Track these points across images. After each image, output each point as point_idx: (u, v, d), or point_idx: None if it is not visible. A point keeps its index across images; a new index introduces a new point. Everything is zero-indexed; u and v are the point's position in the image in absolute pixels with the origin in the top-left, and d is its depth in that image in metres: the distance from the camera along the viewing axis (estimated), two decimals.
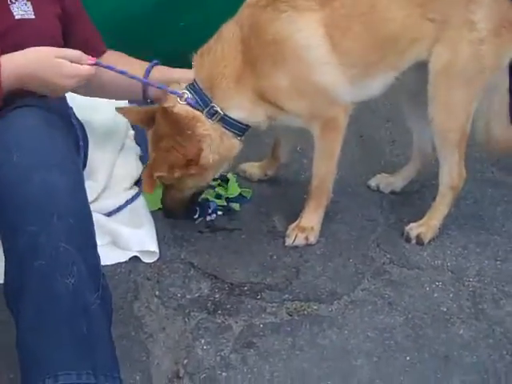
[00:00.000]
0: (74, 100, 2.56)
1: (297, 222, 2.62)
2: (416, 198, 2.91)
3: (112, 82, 2.39)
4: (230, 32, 2.33)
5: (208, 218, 2.70)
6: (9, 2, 2.16)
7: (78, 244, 1.71)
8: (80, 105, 2.61)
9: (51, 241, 1.67)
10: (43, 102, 1.98)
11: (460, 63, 2.41)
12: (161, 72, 2.47)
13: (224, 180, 2.88)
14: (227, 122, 2.36)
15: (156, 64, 2.49)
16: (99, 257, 1.83)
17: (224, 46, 2.31)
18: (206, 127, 2.33)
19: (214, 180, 2.87)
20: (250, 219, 2.73)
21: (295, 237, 2.57)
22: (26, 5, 2.17)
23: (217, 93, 2.33)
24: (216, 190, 2.82)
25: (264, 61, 2.30)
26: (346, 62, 2.34)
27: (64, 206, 1.71)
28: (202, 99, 2.33)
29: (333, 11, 2.29)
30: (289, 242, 2.58)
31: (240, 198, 2.82)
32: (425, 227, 2.64)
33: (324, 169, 2.56)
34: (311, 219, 2.61)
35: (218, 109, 2.33)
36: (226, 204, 2.77)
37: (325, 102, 2.40)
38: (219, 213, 2.73)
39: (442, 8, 2.38)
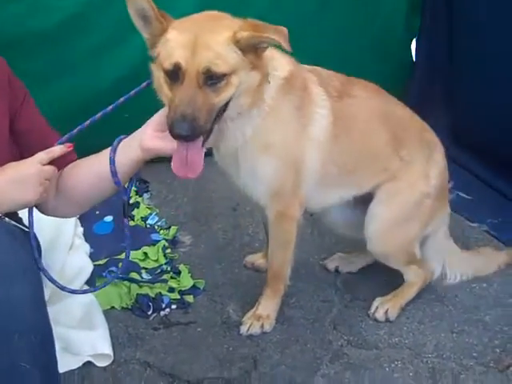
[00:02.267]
0: None
1: (253, 309, 2.61)
2: (370, 274, 2.91)
3: (80, 181, 2.19)
4: None
5: (162, 314, 2.66)
6: None
7: (40, 363, 1.65)
8: None
9: (12, 361, 1.60)
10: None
11: (405, 206, 2.56)
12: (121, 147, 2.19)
13: (176, 272, 2.86)
14: None
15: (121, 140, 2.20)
16: (59, 374, 1.77)
17: None
18: None
19: (166, 273, 2.86)
20: (205, 311, 2.70)
21: (250, 325, 2.55)
22: None
23: None
24: (168, 283, 2.79)
25: None
26: (333, 155, 2.42)
27: (26, 322, 1.63)
28: None
29: (344, 106, 2.42)
30: (243, 330, 2.55)
31: (193, 290, 2.79)
32: (392, 303, 2.67)
33: (280, 257, 2.56)
34: (267, 307, 2.59)
35: None
36: (179, 297, 2.74)
37: (292, 183, 2.40)
38: (173, 307, 2.70)
39: (412, 152, 2.57)
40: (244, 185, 2.38)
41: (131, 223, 3.21)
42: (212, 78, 1.97)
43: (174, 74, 1.98)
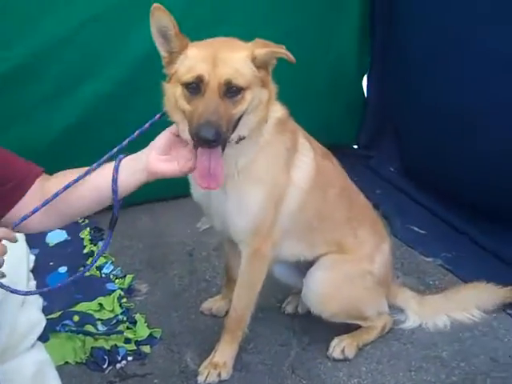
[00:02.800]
0: None
1: (210, 357, 2.58)
2: None
3: (82, 197, 2.17)
4: None
5: (118, 366, 2.62)
6: None
7: None
8: None
9: None
10: None
11: (347, 274, 2.64)
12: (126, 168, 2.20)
13: (132, 322, 2.82)
14: None
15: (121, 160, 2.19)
16: None
17: None
18: None
19: (122, 323, 2.81)
20: (162, 361, 2.66)
21: (207, 375, 2.52)
22: None
23: None
24: (124, 334, 2.75)
25: None
26: (307, 205, 2.50)
27: None
28: None
29: (325, 165, 2.58)
30: (201, 380, 2.53)
31: (150, 339, 2.75)
32: (348, 341, 2.68)
33: (246, 298, 2.56)
34: (225, 353, 2.58)
35: None
36: (136, 348, 2.70)
37: (271, 221, 2.44)
38: (129, 358, 2.66)
39: (365, 235, 2.70)
40: (228, 215, 2.40)
41: (86, 273, 3.15)
42: (231, 91, 2.10)
43: (195, 87, 2.09)
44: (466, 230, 3.46)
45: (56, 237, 3.51)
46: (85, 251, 3.37)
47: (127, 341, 2.72)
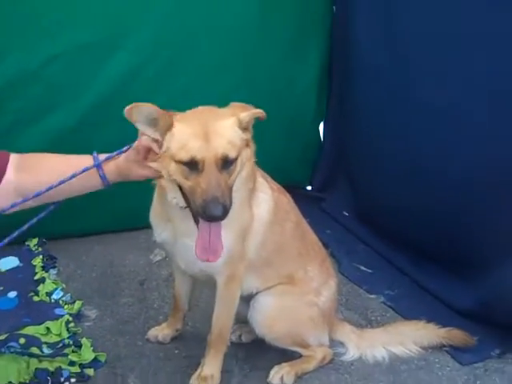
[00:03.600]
0: None
1: (198, 371, 2.67)
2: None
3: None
4: None
5: None
6: None
7: None
8: None
9: None
10: None
11: (292, 302, 2.73)
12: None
13: (78, 346, 2.85)
14: None
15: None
16: None
17: None
18: None
19: (68, 347, 2.84)
20: (105, 383, 2.69)
21: None
22: None
23: None
24: (69, 356, 2.78)
25: None
26: (268, 239, 2.61)
27: None
28: None
29: (281, 201, 2.70)
30: None
31: (94, 363, 2.79)
32: (287, 369, 2.76)
33: (225, 317, 2.65)
34: (212, 367, 2.67)
35: None
36: (79, 371, 2.73)
37: (241, 250, 2.54)
38: (72, 380, 2.69)
39: (315, 271, 2.80)
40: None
41: (35, 298, 3.21)
42: (226, 163, 2.18)
43: (192, 164, 2.16)
44: (409, 271, 3.59)
45: (8, 263, 3.56)
46: (35, 277, 3.40)
47: (71, 363, 2.75)
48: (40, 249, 3.64)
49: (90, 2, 3.41)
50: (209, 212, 2.11)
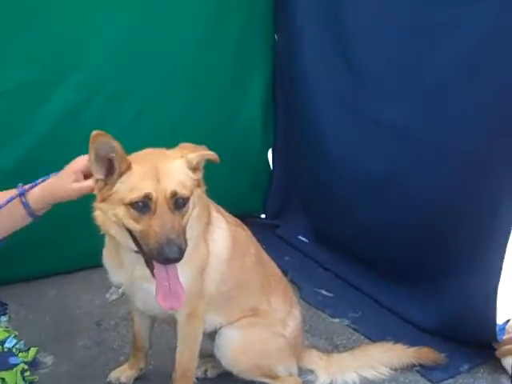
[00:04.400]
0: None
1: None
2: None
3: None
4: None
5: None
6: None
7: None
8: None
9: None
10: None
11: (259, 334, 2.69)
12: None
13: None
14: None
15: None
16: None
17: None
18: None
19: None
20: None
21: None
22: None
23: None
24: None
25: None
26: (228, 274, 2.56)
27: None
28: None
29: (240, 234, 2.67)
30: None
31: None
32: None
33: (189, 354, 2.57)
34: None
35: None
36: None
37: (199, 288, 2.47)
38: None
39: (278, 302, 2.77)
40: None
41: None
42: (178, 203, 2.15)
43: (143, 205, 2.11)
44: (372, 292, 3.58)
45: None
46: None
47: None
48: None
49: (29, 40, 3.32)
50: (165, 255, 2.07)
